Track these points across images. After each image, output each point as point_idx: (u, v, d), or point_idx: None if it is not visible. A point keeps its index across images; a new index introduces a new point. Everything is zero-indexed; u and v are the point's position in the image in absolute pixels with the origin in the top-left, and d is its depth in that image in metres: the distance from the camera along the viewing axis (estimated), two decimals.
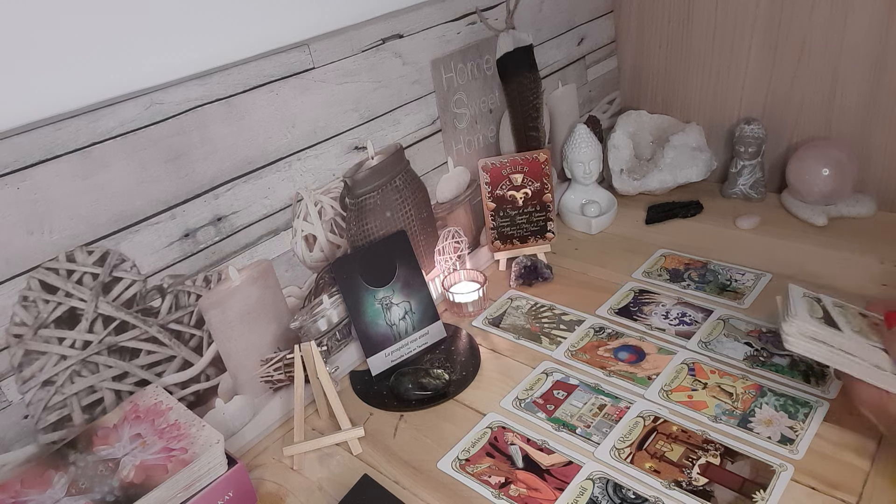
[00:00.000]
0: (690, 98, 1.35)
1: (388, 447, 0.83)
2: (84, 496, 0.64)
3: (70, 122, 0.64)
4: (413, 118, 0.99)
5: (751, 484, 0.71)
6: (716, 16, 1.25)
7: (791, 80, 1.21)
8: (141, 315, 0.73)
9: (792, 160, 1.18)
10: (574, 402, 0.85)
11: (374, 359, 0.94)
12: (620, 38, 1.40)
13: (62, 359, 0.68)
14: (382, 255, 0.95)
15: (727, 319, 0.95)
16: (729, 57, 1.27)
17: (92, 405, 0.71)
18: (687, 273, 1.07)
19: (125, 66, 0.68)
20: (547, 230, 1.15)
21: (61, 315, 0.67)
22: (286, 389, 0.89)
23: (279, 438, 0.87)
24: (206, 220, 0.77)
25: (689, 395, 0.84)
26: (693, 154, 1.27)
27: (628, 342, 0.94)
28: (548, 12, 1.19)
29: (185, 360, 0.78)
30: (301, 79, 0.83)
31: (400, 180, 0.98)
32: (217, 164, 0.76)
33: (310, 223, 0.88)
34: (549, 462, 0.77)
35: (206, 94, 0.74)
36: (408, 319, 0.97)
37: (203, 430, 0.71)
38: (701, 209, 1.25)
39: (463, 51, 1.04)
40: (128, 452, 0.68)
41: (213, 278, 0.79)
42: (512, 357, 0.95)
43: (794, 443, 0.75)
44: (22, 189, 0.62)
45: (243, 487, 0.74)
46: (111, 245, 0.69)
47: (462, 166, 1.10)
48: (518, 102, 1.13)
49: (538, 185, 1.12)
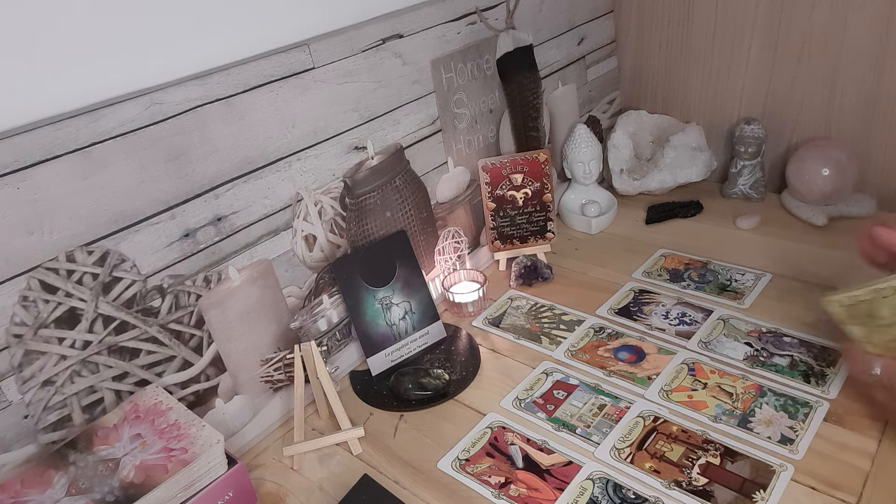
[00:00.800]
0: (690, 98, 1.35)
1: (388, 447, 0.83)
2: (84, 496, 0.64)
3: (70, 122, 0.64)
4: (413, 118, 0.99)
5: (751, 484, 0.71)
6: (716, 16, 1.25)
7: (791, 80, 1.21)
8: (141, 315, 0.73)
9: (792, 160, 1.18)
10: (574, 402, 0.85)
11: (374, 359, 0.94)
12: (620, 38, 1.40)
13: (62, 359, 0.68)
14: (382, 255, 0.95)
15: (727, 319, 0.95)
16: (729, 57, 1.27)
17: (92, 405, 0.71)
18: (687, 273, 1.07)
19: (125, 66, 0.68)
20: (547, 230, 1.15)
21: (61, 315, 0.67)
22: (286, 389, 0.89)
23: (279, 438, 0.87)
24: (206, 220, 0.77)
25: (689, 395, 0.84)
26: (693, 154, 1.27)
27: (628, 342, 0.94)
28: (548, 12, 1.19)
29: (185, 360, 0.78)
30: (301, 79, 0.83)
31: (400, 180, 0.98)
32: (217, 164, 0.76)
33: (310, 223, 0.88)
34: (549, 462, 0.77)
35: (206, 94, 0.74)
36: (408, 319, 0.97)
37: (203, 430, 0.71)
38: (701, 209, 1.25)
39: (463, 51, 1.04)
40: (128, 452, 0.68)
41: (213, 278, 0.79)
42: (512, 357, 0.95)
43: (794, 443, 0.75)
44: (22, 189, 0.62)
45: (243, 487, 0.74)
46: (111, 245, 0.69)
47: (462, 166, 1.10)
48: (518, 102, 1.13)
49: (538, 185, 1.12)
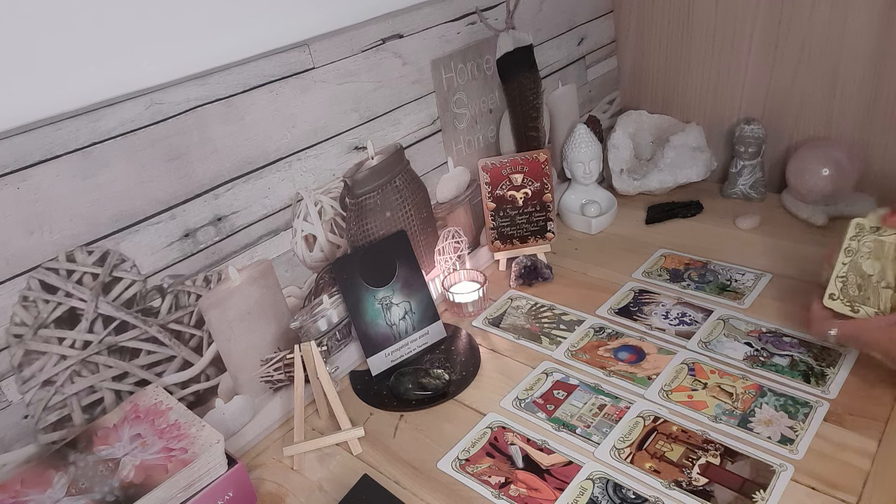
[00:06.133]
0: (690, 98, 1.35)
1: (388, 447, 0.83)
2: (84, 496, 0.64)
3: (70, 122, 0.64)
4: (413, 118, 0.99)
5: (751, 484, 0.71)
6: (716, 16, 1.25)
7: (791, 80, 1.21)
8: (141, 315, 0.73)
9: (792, 160, 1.18)
10: (574, 402, 0.85)
11: (374, 359, 0.94)
12: (620, 38, 1.40)
13: (62, 359, 0.68)
14: (382, 255, 0.95)
15: (727, 319, 0.95)
16: (729, 57, 1.27)
17: (92, 405, 0.71)
18: (687, 273, 1.07)
19: (125, 66, 0.68)
20: (547, 230, 1.15)
21: (61, 315, 0.67)
22: (286, 389, 0.89)
23: (279, 438, 0.87)
24: (206, 220, 0.77)
25: (689, 395, 0.84)
26: (693, 154, 1.27)
27: (628, 342, 0.94)
28: (548, 12, 1.19)
29: (185, 360, 0.78)
30: (301, 79, 0.83)
31: (400, 180, 0.98)
32: (217, 164, 0.76)
33: (310, 223, 0.88)
34: (549, 462, 0.77)
35: (206, 94, 0.74)
36: (408, 319, 0.97)
37: (203, 430, 0.71)
38: (701, 209, 1.25)
39: (463, 51, 1.04)
40: (128, 452, 0.68)
41: (213, 278, 0.79)
42: (512, 357, 0.95)
43: (794, 443, 0.75)
44: (22, 189, 0.62)
45: (243, 487, 0.74)
46: (111, 245, 0.69)
47: (462, 166, 1.10)
48: (518, 102, 1.13)
49: (538, 185, 1.12)
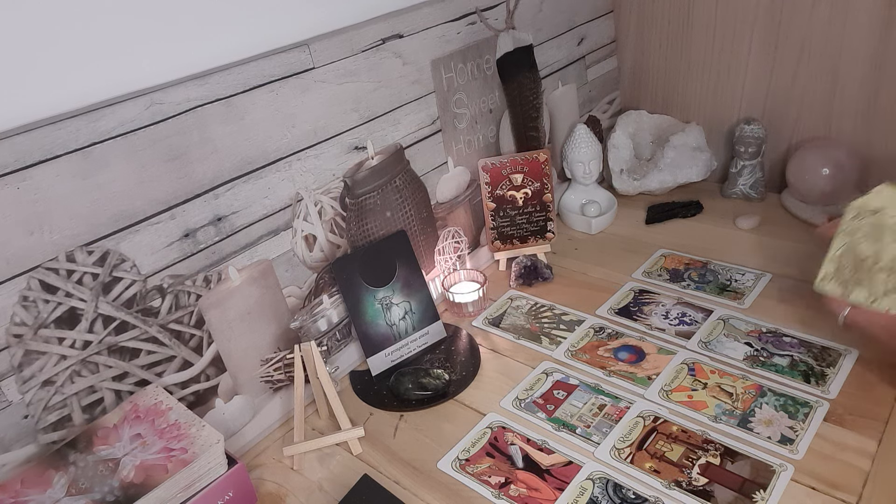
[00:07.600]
0: (690, 98, 1.35)
1: (388, 447, 0.83)
2: (84, 496, 0.64)
3: (70, 122, 0.64)
4: (413, 118, 0.99)
5: (751, 484, 0.71)
6: (716, 16, 1.25)
7: (791, 80, 1.21)
8: (141, 315, 0.73)
9: (792, 160, 1.18)
10: (574, 402, 0.85)
11: (374, 359, 0.94)
12: (620, 38, 1.40)
13: (62, 359, 0.68)
14: (382, 255, 0.95)
15: (727, 319, 0.95)
16: (729, 57, 1.27)
17: (92, 405, 0.71)
18: (687, 273, 1.07)
19: (125, 66, 0.68)
20: (547, 230, 1.15)
21: (61, 315, 0.67)
22: (286, 389, 0.89)
23: (279, 438, 0.87)
24: (206, 220, 0.77)
25: (689, 395, 0.84)
26: (693, 154, 1.27)
27: (628, 342, 0.94)
28: (548, 12, 1.19)
29: (185, 360, 0.78)
30: (301, 79, 0.83)
31: (400, 180, 0.98)
32: (217, 164, 0.76)
33: (310, 223, 0.88)
34: (549, 462, 0.77)
35: (206, 94, 0.74)
36: (408, 319, 0.97)
37: (203, 430, 0.71)
38: (701, 209, 1.25)
39: (463, 51, 1.04)
40: (128, 452, 0.68)
41: (213, 278, 0.79)
42: (512, 357, 0.95)
43: (794, 443, 0.75)
44: (22, 189, 0.62)
45: (243, 487, 0.74)
46: (111, 245, 0.69)
47: (462, 166, 1.10)
48: (518, 102, 1.13)
49: (538, 185, 1.12)
